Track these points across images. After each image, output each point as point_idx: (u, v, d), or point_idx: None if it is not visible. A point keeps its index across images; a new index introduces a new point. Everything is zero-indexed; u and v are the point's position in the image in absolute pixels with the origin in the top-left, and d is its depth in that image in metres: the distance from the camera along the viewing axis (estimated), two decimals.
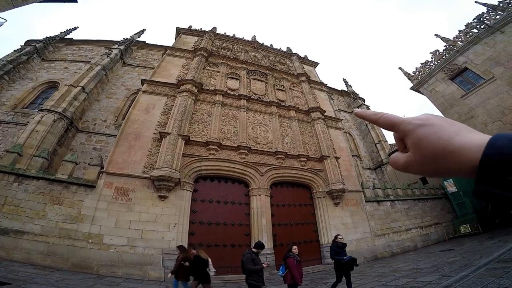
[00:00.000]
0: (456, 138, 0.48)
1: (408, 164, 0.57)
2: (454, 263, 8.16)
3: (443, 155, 0.49)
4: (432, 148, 0.50)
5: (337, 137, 16.67)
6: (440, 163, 0.50)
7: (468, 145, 0.46)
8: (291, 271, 5.68)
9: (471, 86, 17.30)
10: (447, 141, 0.49)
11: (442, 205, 17.58)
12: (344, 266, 6.57)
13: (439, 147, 0.49)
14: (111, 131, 17.13)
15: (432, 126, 0.52)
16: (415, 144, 0.54)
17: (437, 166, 0.51)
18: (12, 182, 8.75)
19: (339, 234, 7.68)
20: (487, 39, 16.82)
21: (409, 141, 0.56)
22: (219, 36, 21.11)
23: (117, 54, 21.42)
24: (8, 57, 19.11)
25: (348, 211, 13.15)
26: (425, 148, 0.52)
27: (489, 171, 0.41)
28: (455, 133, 0.49)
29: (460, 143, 0.47)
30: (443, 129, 0.51)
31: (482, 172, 0.42)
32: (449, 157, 0.48)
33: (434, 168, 0.52)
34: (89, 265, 7.95)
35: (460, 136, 0.48)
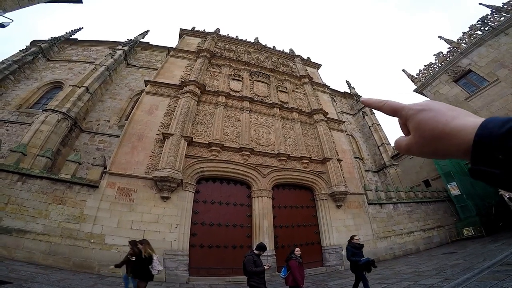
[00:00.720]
0: (453, 122, 0.51)
1: (409, 146, 0.61)
2: (457, 266, 8.11)
3: (441, 137, 0.52)
4: (431, 131, 0.54)
5: (340, 139, 16.64)
6: (438, 144, 0.53)
7: (464, 127, 0.49)
8: (293, 273, 5.65)
9: (475, 89, 17.20)
10: (445, 124, 0.52)
11: (445, 208, 17.48)
12: (360, 268, 6.46)
13: (437, 130, 0.53)
14: (114, 132, 17.21)
15: (431, 111, 0.56)
16: (415, 127, 0.58)
17: (435, 147, 0.54)
18: (16, 182, 8.81)
19: (355, 235, 7.51)
20: (491, 41, 16.72)
21: (410, 125, 0.60)
22: (222, 37, 21.18)
23: (121, 55, 21.54)
24: (14, 57, 19.29)
25: (350, 213, 13.11)
26: (424, 130, 0.56)
27: (482, 151, 0.44)
28: (453, 117, 0.53)
29: (456, 126, 0.50)
30: (441, 114, 0.54)
31: (475, 151, 0.45)
32: (446, 139, 0.51)
33: (433, 149, 0.55)
34: (91, 265, 7.98)
35: (457, 119, 0.52)
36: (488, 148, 0.44)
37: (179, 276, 8.66)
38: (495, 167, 0.43)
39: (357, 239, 7.26)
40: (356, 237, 7.35)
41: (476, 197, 16.21)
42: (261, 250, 5.78)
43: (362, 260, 6.48)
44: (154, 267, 5.82)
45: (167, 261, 8.76)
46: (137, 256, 5.86)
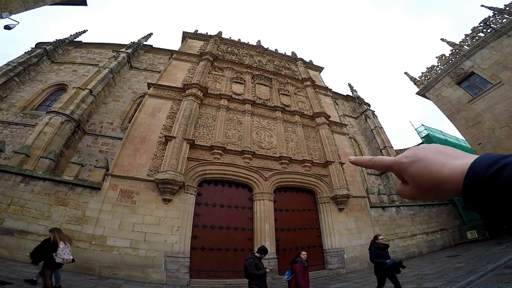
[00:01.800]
0: (444, 169, 0.54)
1: (412, 195, 0.64)
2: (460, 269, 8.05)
3: (437, 186, 0.55)
4: (426, 182, 0.58)
5: (342, 143, 16.61)
6: (436, 191, 0.57)
7: (454, 174, 0.52)
8: (297, 277, 5.63)
9: (478, 91, 17.10)
10: (437, 173, 0.55)
11: (448, 211, 17.37)
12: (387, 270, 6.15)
13: (431, 180, 0.56)
14: (117, 134, 17.30)
15: (420, 162, 0.59)
16: (411, 180, 0.62)
17: (435, 194, 0.58)
18: (19, 183, 8.89)
19: (379, 234, 7.12)
20: (493, 43, 16.65)
21: (406, 178, 0.63)
22: (224, 40, 21.28)
23: (125, 57, 21.69)
24: (19, 59, 19.49)
25: (353, 216, 13.06)
26: (419, 182, 0.59)
27: (471, 192, 0.48)
28: (442, 164, 0.56)
29: (447, 173, 0.54)
30: (430, 163, 0.58)
31: (466, 193, 0.49)
32: (442, 186, 0.55)
33: (434, 195, 0.59)
34: (92, 266, 8.01)
35: (446, 166, 0.55)
36: (475, 190, 0.47)
37: (180, 278, 8.66)
38: (482, 207, 0.47)
39: (382, 239, 6.85)
40: (380, 236, 6.94)
41: None
42: (262, 253, 5.78)
43: (388, 262, 6.15)
44: (58, 255, 5.63)
45: (168, 263, 8.77)
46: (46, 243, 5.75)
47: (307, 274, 5.87)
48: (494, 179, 0.44)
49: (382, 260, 6.21)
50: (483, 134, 16.28)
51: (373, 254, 6.46)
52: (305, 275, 5.76)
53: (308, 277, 5.86)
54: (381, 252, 6.44)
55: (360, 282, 8.57)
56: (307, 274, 5.86)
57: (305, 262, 5.95)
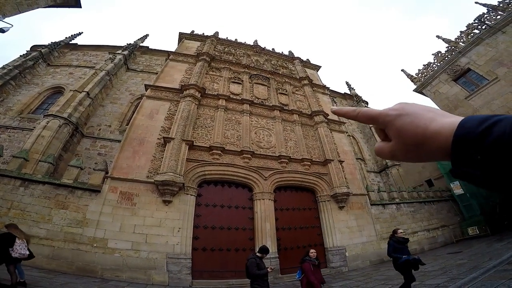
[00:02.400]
0: (432, 125, 0.51)
1: (393, 153, 0.61)
2: (463, 266, 8.07)
3: (422, 142, 0.52)
4: (412, 137, 0.54)
5: (341, 141, 16.63)
6: (421, 149, 0.53)
7: (443, 130, 0.49)
8: (307, 276, 5.59)
9: (475, 87, 17.22)
10: (424, 129, 0.52)
11: (449, 207, 17.43)
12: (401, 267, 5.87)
13: (418, 136, 0.53)
14: (115, 137, 17.25)
15: (408, 116, 0.56)
16: (396, 134, 0.58)
17: (419, 152, 0.54)
18: (18, 187, 8.84)
19: (398, 228, 6.84)
20: (488, 40, 16.76)
21: (390, 132, 0.60)
22: (221, 40, 21.25)
23: (121, 59, 21.63)
24: (15, 62, 19.41)
25: (353, 214, 13.07)
26: (405, 137, 0.56)
27: (461, 152, 0.45)
28: (430, 119, 0.53)
29: (435, 129, 0.50)
30: (418, 117, 0.54)
31: (455, 153, 0.46)
32: (428, 143, 0.51)
33: (417, 154, 0.56)
34: (94, 269, 7.97)
35: (435, 122, 0.52)
36: (466, 148, 0.44)
37: (182, 279, 8.63)
38: (475, 168, 0.43)
39: (402, 233, 6.54)
40: (400, 230, 6.64)
41: (479, 196, 16.13)
42: (263, 253, 5.75)
43: (402, 258, 5.86)
44: (15, 249, 5.73)
45: (170, 265, 8.74)
46: None
47: (318, 271, 5.80)
48: (485, 136, 0.41)
49: (399, 255, 5.97)
50: None
51: (390, 248, 6.23)
52: (316, 273, 5.68)
53: (319, 274, 5.77)
54: (400, 246, 6.19)
55: (362, 280, 8.58)
56: (318, 272, 5.79)
57: (315, 260, 5.90)
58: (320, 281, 5.64)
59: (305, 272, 5.63)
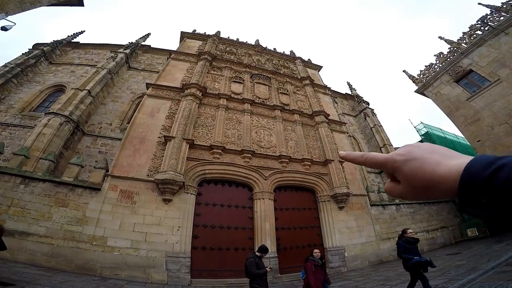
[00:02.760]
0: (439, 169, 0.53)
1: (403, 195, 0.62)
2: (461, 267, 8.06)
3: (431, 186, 0.54)
4: (420, 182, 0.56)
5: (342, 141, 16.63)
6: (429, 191, 0.55)
7: (449, 174, 0.51)
8: (307, 276, 5.60)
9: (477, 89, 17.14)
10: (432, 173, 0.54)
11: (448, 208, 17.42)
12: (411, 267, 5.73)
13: (426, 180, 0.54)
14: (116, 135, 17.27)
15: (415, 161, 0.57)
16: (404, 179, 0.60)
17: (428, 194, 0.56)
18: (18, 184, 8.86)
19: (408, 228, 6.73)
20: (491, 41, 16.68)
21: (399, 176, 0.61)
22: (222, 40, 21.25)
23: (123, 58, 21.63)
24: (17, 60, 19.41)
25: (353, 215, 13.07)
26: (413, 182, 0.57)
27: (467, 195, 0.46)
28: (437, 163, 0.54)
29: (442, 173, 0.52)
30: (425, 162, 0.56)
31: (462, 196, 0.47)
32: (436, 187, 0.53)
33: (426, 195, 0.57)
34: (93, 267, 7.99)
35: (441, 166, 0.53)
36: (472, 192, 0.45)
37: (181, 278, 8.65)
38: (480, 210, 0.45)
39: (411, 233, 6.43)
40: (409, 230, 6.52)
41: None
42: (263, 252, 5.76)
43: (414, 259, 5.71)
44: None
45: (169, 264, 8.76)
46: None
47: (319, 272, 5.73)
48: (491, 181, 0.42)
49: (409, 255, 5.84)
50: (482, 131, 16.32)
51: (401, 249, 6.09)
52: (317, 274, 5.65)
53: (321, 275, 5.72)
54: (410, 246, 6.06)
55: (361, 281, 8.58)
56: (319, 273, 5.72)
57: (318, 260, 5.87)
58: (321, 282, 5.60)
59: (306, 272, 5.66)
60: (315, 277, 5.55)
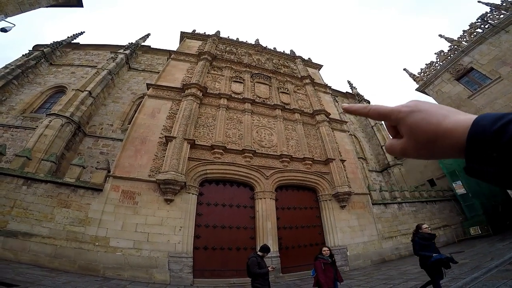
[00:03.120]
0: (445, 121, 0.51)
1: (404, 150, 0.60)
2: (464, 265, 8.05)
3: (435, 139, 0.52)
4: (424, 134, 0.54)
5: (343, 140, 16.60)
6: (433, 146, 0.53)
7: (456, 127, 0.49)
8: (317, 275, 5.53)
9: (478, 87, 17.10)
10: (437, 125, 0.52)
11: (451, 207, 17.38)
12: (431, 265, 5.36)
13: (430, 132, 0.53)
14: (117, 136, 17.31)
15: (421, 112, 0.56)
16: (408, 131, 0.58)
17: (431, 149, 0.54)
18: (21, 185, 8.87)
19: (423, 223, 6.23)
20: (492, 39, 16.64)
21: (402, 128, 0.60)
22: (222, 40, 21.23)
23: (123, 58, 21.68)
24: (17, 62, 19.48)
25: (355, 213, 13.06)
26: (417, 134, 0.55)
27: (476, 149, 0.45)
28: (444, 116, 0.53)
29: (448, 126, 0.50)
30: (431, 114, 0.54)
31: (469, 150, 0.46)
32: (441, 140, 0.51)
33: (430, 151, 0.55)
34: (96, 267, 8.01)
35: (448, 119, 0.52)
36: (481, 146, 0.44)
37: (184, 278, 8.66)
38: (489, 165, 0.43)
39: (427, 228, 5.96)
40: (424, 225, 6.04)
41: (482, 196, 16.08)
42: (264, 252, 5.76)
43: (434, 257, 5.34)
44: None
45: (172, 264, 8.76)
46: None
47: (329, 270, 5.62)
48: (501, 134, 0.41)
49: (428, 253, 5.48)
50: None
51: (417, 246, 5.70)
52: (328, 272, 5.56)
53: (331, 273, 5.60)
54: (426, 243, 5.67)
55: (364, 280, 8.57)
56: (329, 271, 5.61)
57: (328, 258, 5.78)
58: (332, 280, 5.52)
59: (316, 271, 5.60)
60: (325, 275, 5.48)
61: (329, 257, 5.83)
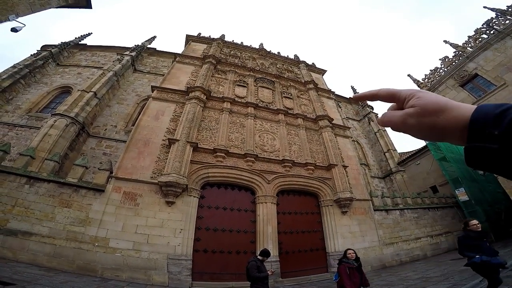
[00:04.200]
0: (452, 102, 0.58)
1: (405, 120, 0.62)
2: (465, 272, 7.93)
3: (444, 109, 0.56)
4: (434, 103, 0.58)
5: (345, 146, 16.55)
6: (438, 117, 0.56)
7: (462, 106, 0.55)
8: (342, 280, 5.15)
9: (482, 93, 16.97)
10: (446, 101, 0.58)
11: (453, 213, 17.23)
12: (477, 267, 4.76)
13: (440, 103, 0.57)
14: (121, 137, 17.42)
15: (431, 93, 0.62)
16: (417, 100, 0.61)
17: (435, 120, 0.57)
18: (23, 184, 8.94)
19: (471, 219, 5.37)
20: (497, 45, 16.53)
21: (411, 101, 0.63)
22: (227, 43, 21.37)
23: (129, 60, 21.87)
24: (25, 62, 19.76)
25: (356, 219, 12.97)
26: (426, 101, 0.59)
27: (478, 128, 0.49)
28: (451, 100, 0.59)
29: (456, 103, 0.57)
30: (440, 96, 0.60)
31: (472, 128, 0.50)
32: (448, 112, 0.56)
33: (432, 123, 0.58)
34: (94, 268, 8.01)
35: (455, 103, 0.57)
36: (483, 126, 0.48)
37: (182, 280, 8.64)
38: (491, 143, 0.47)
39: (475, 225, 5.05)
40: (473, 222, 5.16)
41: (485, 203, 15.93)
42: (264, 256, 5.75)
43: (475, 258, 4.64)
44: None
45: (171, 266, 8.75)
46: None
47: (355, 275, 5.24)
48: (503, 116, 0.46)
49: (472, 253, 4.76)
50: None
51: (462, 246, 5.01)
52: (353, 277, 5.17)
53: (357, 278, 5.20)
54: (475, 243, 4.86)
55: None
56: (355, 276, 5.23)
57: (353, 262, 5.37)
58: (358, 286, 5.15)
59: (340, 276, 5.25)
60: (351, 281, 5.10)
61: (355, 261, 5.42)
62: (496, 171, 0.49)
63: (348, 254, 5.51)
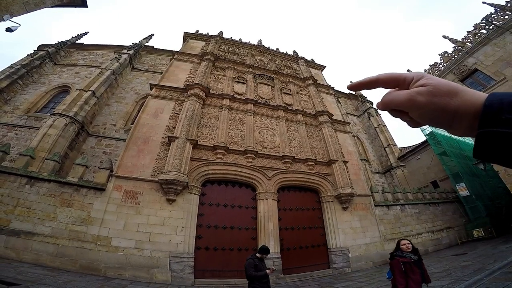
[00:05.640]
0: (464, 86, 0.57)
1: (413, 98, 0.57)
2: (467, 267, 7.98)
3: (456, 92, 0.54)
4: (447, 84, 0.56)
5: (345, 141, 16.54)
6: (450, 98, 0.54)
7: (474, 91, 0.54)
8: (394, 277, 4.27)
9: (482, 88, 16.93)
10: (458, 85, 0.56)
11: (454, 209, 17.27)
12: None
13: (452, 85, 0.56)
14: (120, 135, 17.38)
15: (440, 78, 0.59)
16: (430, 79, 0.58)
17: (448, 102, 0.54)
18: (24, 184, 8.93)
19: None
20: (496, 40, 16.48)
21: (421, 80, 0.58)
22: (225, 40, 21.26)
23: (127, 58, 21.78)
24: (22, 62, 19.66)
25: (357, 215, 13.00)
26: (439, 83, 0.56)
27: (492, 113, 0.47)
28: None
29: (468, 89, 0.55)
30: None
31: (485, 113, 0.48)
32: (461, 94, 0.53)
33: (444, 104, 0.54)
34: (97, 267, 8.03)
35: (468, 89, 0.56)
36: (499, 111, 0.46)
37: (185, 278, 8.66)
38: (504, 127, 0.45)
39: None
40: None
41: (485, 198, 15.97)
42: (263, 253, 5.44)
43: None
44: None
45: (173, 264, 8.77)
46: None
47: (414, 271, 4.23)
48: None
49: None
50: None
51: None
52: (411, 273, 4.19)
53: (417, 275, 4.21)
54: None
55: (365, 281, 8.53)
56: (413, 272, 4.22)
57: (410, 255, 4.36)
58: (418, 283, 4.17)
59: (393, 272, 4.37)
60: (405, 279, 4.18)
61: (412, 253, 4.42)
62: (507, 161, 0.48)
63: (402, 245, 4.53)
